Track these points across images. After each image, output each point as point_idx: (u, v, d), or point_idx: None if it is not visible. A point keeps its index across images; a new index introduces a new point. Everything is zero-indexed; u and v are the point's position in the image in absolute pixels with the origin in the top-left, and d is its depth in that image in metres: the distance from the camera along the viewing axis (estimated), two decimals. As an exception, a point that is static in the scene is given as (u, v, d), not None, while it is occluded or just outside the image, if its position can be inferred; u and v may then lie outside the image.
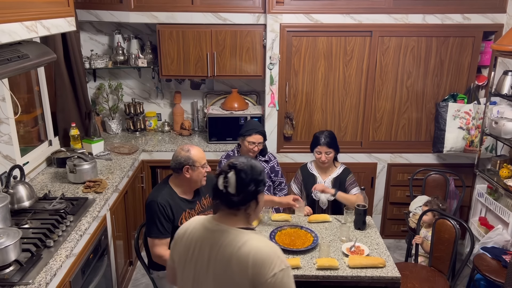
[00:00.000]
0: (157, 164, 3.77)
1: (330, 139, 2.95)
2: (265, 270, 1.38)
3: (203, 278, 1.48)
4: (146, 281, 3.33)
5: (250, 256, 1.40)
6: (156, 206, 2.33)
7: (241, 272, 1.40)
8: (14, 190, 2.42)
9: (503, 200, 3.29)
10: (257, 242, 1.44)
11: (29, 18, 2.07)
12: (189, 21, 3.57)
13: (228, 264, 1.42)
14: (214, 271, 1.46)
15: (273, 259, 1.40)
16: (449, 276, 2.73)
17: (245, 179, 1.45)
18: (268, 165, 3.16)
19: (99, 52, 4.04)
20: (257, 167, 1.51)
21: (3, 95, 2.64)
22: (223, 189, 1.46)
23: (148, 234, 2.38)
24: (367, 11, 3.44)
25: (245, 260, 1.40)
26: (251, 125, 3.04)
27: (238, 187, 1.45)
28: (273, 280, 1.38)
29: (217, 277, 1.45)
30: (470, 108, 3.54)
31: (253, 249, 1.41)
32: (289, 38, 3.51)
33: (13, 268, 1.91)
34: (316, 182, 3.03)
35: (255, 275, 1.39)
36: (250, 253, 1.40)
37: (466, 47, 3.55)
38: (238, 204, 1.47)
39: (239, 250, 1.41)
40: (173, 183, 2.45)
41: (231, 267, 1.42)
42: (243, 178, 1.45)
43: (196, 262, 1.50)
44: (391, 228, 4.02)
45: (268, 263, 1.39)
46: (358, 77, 3.62)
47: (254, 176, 1.48)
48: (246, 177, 1.46)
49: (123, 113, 4.14)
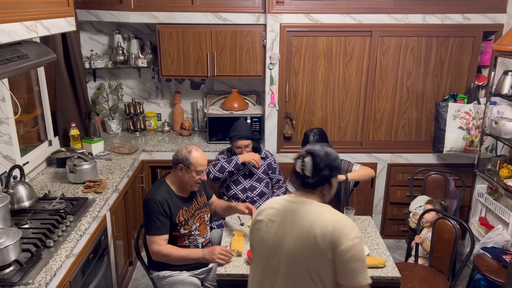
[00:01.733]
0: (157, 164, 3.77)
1: (319, 137, 3.00)
2: (344, 236, 1.52)
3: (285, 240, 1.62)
4: (146, 281, 3.33)
5: (331, 223, 1.55)
6: (154, 204, 2.34)
7: (322, 236, 1.54)
8: (14, 190, 2.42)
9: (503, 200, 3.29)
10: (336, 213, 1.61)
11: (29, 18, 2.07)
12: (189, 21, 3.57)
13: (310, 228, 1.57)
14: (297, 234, 1.59)
15: (350, 227, 1.56)
16: (449, 276, 2.73)
17: (320, 164, 1.62)
18: (265, 162, 3.17)
19: (99, 52, 4.04)
20: (332, 154, 1.67)
21: (3, 95, 2.64)
22: (300, 171, 1.63)
23: (147, 232, 2.39)
24: (367, 11, 3.44)
25: (326, 226, 1.55)
26: (236, 130, 3.08)
27: (314, 171, 1.62)
28: (350, 245, 1.51)
29: (300, 239, 1.58)
30: (470, 108, 3.54)
31: (333, 217, 1.58)
32: (289, 38, 3.51)
33: (13, 268, 1.91)
34: None
35: (335, 239, 1.52)
36: (331, 220, 1.56)
37: (466, 47, 3.55)
38: (313, 186, 1.65)
39: (320, 217, 1.58)
40: (170, 181, 2.48)
41: (313, 230, 1.56)
42: (318, 163, 1.62)
43: (278, 227, 1.65)
44: (391, 228, 4.02)
45: (346, 230, 1.54)
46: (358, 77, 3.62)
47: (329, 162, 1.64)
48: (321, 162, 1.62)
49: (123, 113, 4.14)
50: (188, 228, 2.46)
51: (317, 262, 1.55)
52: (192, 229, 2.48)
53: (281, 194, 3.23)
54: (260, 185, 3.13)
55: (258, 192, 3.11)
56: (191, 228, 2.48)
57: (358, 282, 1.53)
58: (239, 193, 3.09)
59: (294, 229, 1.61)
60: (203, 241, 2.57)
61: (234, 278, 2.28)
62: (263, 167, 3.17)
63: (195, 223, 2.51)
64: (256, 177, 3.14)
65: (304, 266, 1.57)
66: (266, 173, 3.18)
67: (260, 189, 3.12)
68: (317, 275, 1.56)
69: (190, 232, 2.48)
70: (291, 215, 1.63)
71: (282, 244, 1.62)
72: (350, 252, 1.51)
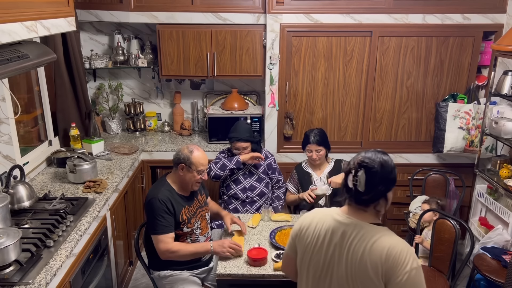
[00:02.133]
0: (157, 164, 3.77)
1: (319, 137, 3.01)
2: (398, 266, 1.39)
3: (335, 265, 1.51)
4: (146, 281, 3.33)
5: (384, 252, 1.41)
6: (157, 203, 2.34)
7: (373, 267, 1.42)
8: (14, 190, 2.42)
9: (503, 200, 3.29)
10: (390, 238, 1.45)
11: (29, 18, 2.07)
12: (189, 21, 3.57)
13: (362, 257, 1.44)
14: (347, 260, 1.48)
15: (406, 256, 1.41)
16: (449, 276, 2.73)
17: (374, 178, 1.46)
18: (265, 162, 3.18)
19: (99, 52, 4.04)
20: (388, 164, 1.50)
21: (3, 95, 2.64)
22: (353, 187, 1.48)
23: (152, 232, 2.37)
24: (367, 11, 3.44)
25: (379, 255, 1.41)
26: (235, 131, 3.08)
27: (367, 186, 1.45)
28: (406, 277, 1.38)
29: (350, 267, 1.47)
30: (470, 108, 3.54)
31: (386, 245, 1.42)
32: (289, 38, 3.51)
33: (13, 268, 1.91)
34: (311, 179, 3.08)
35: (388, 270, 1.40)
36: (384, 249, 1.41)
37: (466, 47, 3.55)
38: (367, 202, 1.49)
39: (373, 245, 1.43)
40: (171, 180, 2.48)
41: (364, 260, 1.43)
42: (373, 177, 1.45)
43: (328, 249, 1.52)
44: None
45: (402, 259, 1.40)
46: (358, 77, 3.62)
47: (384, 175, 1.48)
48: (375, 176, 1.46)
49: (123, 113, 4.14)
50: (190, 226, 2.46)
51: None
52: (194, 228, 2.48)
53: (281, 194, 3.23)
54: (260, 185, 3.13)
55: (258, 192, 3.12)
56: (193, 227, 2.48)
57: None
58: (239, 193, 3.10)
59: (345, 255, 1.48)
60: (205, 240, 2.58)
61: (234, 278, 2.28)
62: (263, 167, 3.17)
63: (197, 221, 2.52)
64: (256, 177, 3.14)
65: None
66: (266, 173, 3.19)
67: (260, 189, 3.12)
68: None
69: (193, 231, 2.48)
70: (342, 239, 1.50)
71: (332, 267, 1.52)
72: (406, 286, 1.38)
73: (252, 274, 2.27)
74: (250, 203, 3.11)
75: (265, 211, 2.84)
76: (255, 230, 2.70)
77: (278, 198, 3.22)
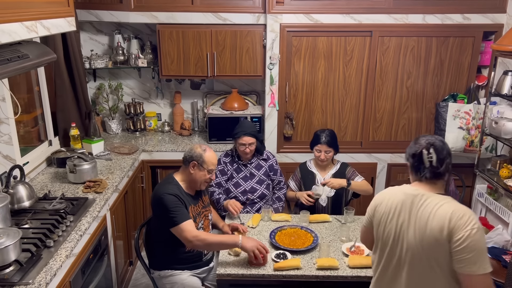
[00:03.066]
0: (157, 164, 3.77)
1: (330, 138, 2.98)
2: (462, 226, 1.58)
3: (404, 232, 1.71)
4: (146, 281, 3.33)
5: (448, 214, 1.61)
6: (170, 197, 2.34)
7: (440, 227, 1.61)
8: (14, 190, 2.42)
9: (503, 200, 3.29)
10: (454, 204, 1.66)
11: (29, 18, 2.07)
12: (189, 21, 3.57)
13: (428, 220, 1.64)
14: (415, 226, 1.68)
15: (469, 218, 1.59)
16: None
17: (443, 152, 1.72)
18: (266, 163, 3.17)
19: (99, 52, 4.04)
20: (445, 141, 1.78)
21: (3, 95, 2.64)
22: (428, 164, 1.71)
23: (172, 224, 2.32)
24: (367, 11, 3.44)
25: (443, 217, 1.61)
26: (241, 127, 3.07)
27: (440, 160, 1.71)
28: (467, 234, 1.56)
29: (418, 231, 1.66)
30: (470, 108, 3.54)
31: (451, 209, 1.62)
32: (289, 38, 3.51)
33: (13, 268, 1.91)
34: (315, 179, 3.06)
35: (452, 229, 1.58)
36: (448, 212, 1.61)
37: (466, 47, 3.55)
38: (442, 174, 1.73)
39: (438, 209, 1.64)
40: (179, 178, 2.49)
41: (431, 222, 1.63)
42: (441, 152, 1.72)
43: (398, 219, 1.74)
44: None
45: (464, 220, 1.58)
46: (358, 77, 3.62)
47: (447, 149, 1.75)
48: (443, 150, 1.73)
49: (123, 113, 4.14)
50: (195, 225, 2.45)
51: (437, 253, 1.62)
52: (198, 227, 2.48)
53: (282, 196, 3.22)
54: (261, 187, 3.11)
55: (259, 194, 3.10)
56: (198, 226, 2.47)
57: (472, 272, 1.57)
58: (239, 195, 3.08)
59: (414, 220, 1.69)
60: None
61: (234, 278, 2.28)
62: (264, 169, 3.16)
63: (201, 221, 2.52)
64: (257, 178, 3.13)
65: (425, 256, 1.65)
66: (267, 175, 3.17)
67: (260, 191, 3.11)
68: (438, 265, 1.63)
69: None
70: (411, 207, 1.71)
71: (403, 236, 1.71)
72: (465, 242, 1.55)
73: (252, 274, 2.27)
74: (250, 205, 3.11)
75: (265, 211, 2.84)
76: (255, 230, 2.70)
77: (279, 199, 3.20)
